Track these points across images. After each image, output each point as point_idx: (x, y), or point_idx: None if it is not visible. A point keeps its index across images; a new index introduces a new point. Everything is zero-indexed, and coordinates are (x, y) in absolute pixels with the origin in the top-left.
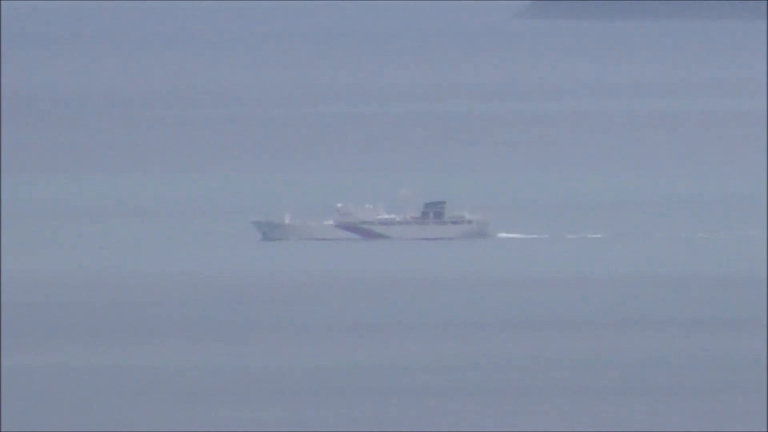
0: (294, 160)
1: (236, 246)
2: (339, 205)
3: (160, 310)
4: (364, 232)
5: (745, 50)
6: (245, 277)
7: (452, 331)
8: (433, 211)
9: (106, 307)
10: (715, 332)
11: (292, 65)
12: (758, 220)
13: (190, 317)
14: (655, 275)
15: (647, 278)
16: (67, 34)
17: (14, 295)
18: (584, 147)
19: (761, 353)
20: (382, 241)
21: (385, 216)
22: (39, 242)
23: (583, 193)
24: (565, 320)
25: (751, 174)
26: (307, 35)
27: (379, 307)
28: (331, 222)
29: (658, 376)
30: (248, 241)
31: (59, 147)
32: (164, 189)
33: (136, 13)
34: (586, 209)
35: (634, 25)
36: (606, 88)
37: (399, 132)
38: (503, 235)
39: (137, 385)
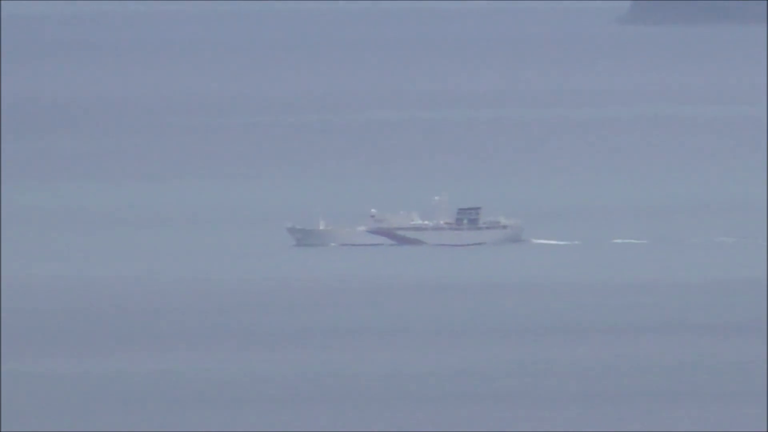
0: (328, 167)
1: (271, 252)
2: (373, 211)
3: (196, 316)
4: (398, 237)
5: None
6: (279, 282)
7: (487, 336)
8: (468, 217)
9: (140, 313)
10: (760, 337)
11: (334, 72)
12: None
13: (225, 323)
14: (689, 280)
15: (681, 283)
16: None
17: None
18: (625, 153)
19: None
20: (416, 246)
21: (419, 222)
22: (67, 250)
23: (619, 199)
24: (598, 325)
25: None
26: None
27: (414, 312)
28: (365, 228)
29: (697, 379)
30: (282, 247)
31: (86, 154)
32: (200, 196)
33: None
34: (620, 215)
35: (741, 29)
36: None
37: (434, 138)
38: (537, 240)
39: (177, 391)
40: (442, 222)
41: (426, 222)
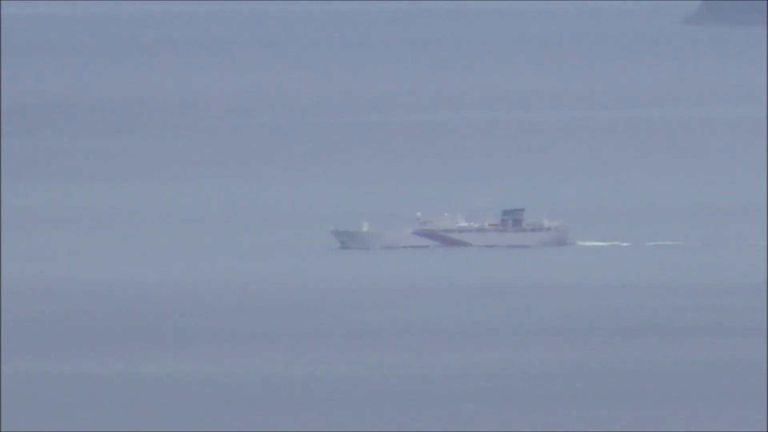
0: (373, 169)
1: (315, 254)
2: (418, 213)
3: (241, 318)
4: (443, 239)
5: None
6: (324, 285)
7: (534, 337)
8: (512, 219)
9: (182, 315)
10: None
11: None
12: None
13: (270, 325)
14: (735, 282)
15: (727, 286)
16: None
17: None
18: (674, 153)
19: None
20: (461, 248)
21: (464, 224)
22: (111, 250)
23: (666, 200)
24: (643, 326)
25: None
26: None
27: (459, 313)
28: (409, 230)
29: (740, 380)
30: (327, 249)
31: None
32: (244, 198)
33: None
34: (666, 216)
35: None
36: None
37: (478, 140)
38: (582, 242)
39: (219, 393)
40: (486, 224)
41: (471, 224)
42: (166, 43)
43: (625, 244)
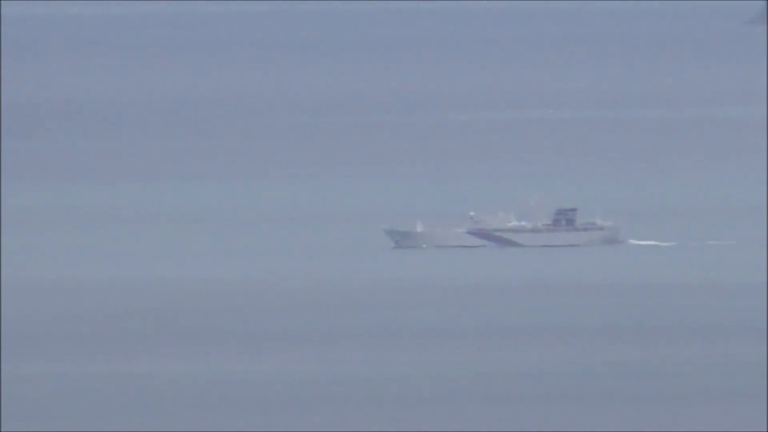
0: (426, 169)
1: (368, 254)
2: (471, 213)
3: (294, 316)
4: (496, 239)
5: None
6: (378, 284)
7: (586, 336)
8: (565, 218)
9: (237, 312)
10: None
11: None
12: None
13: (324, 323)
14: None
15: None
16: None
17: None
18: (729, 153)
19: None
20: (514, 248)
21: (517, 223)
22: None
23: (719, 200)
24: (695, 326)
25: None
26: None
27: (512, 313)
28: (463, 230)
29: None
30: (380, 248)
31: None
32: (298, 197)
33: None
34: (719, 216)
35: None
36: None
37: (530, 138)
38: (635, 242)
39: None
40: (539, 223)
41: (523, 223)
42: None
43: (678, 243)
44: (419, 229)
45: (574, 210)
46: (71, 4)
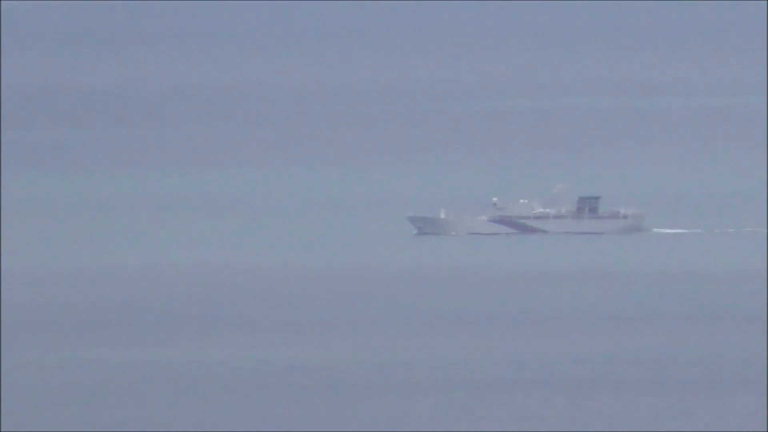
0: (450, 156)
1: (392, 240)
2: (495, 200)
3: (317, 304)
4: (519, 226)
5: None
6: (401, 270)
7: (610, 324)
8: (588, 206)
9: (260, 299)
10: None
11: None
12: None
13: (345, 311)
14: None
15: None
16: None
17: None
18: (746, 142)
19: None
20: (537, 235)
21: (540, 210)
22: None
23: (743, 188)
24: (720, 314)
25: None
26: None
27: (535, 300)
28: (486, 217)
29: None
30: (404, 235)
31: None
32: (322, 184)
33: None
34: (744, 203)
35: None
36: None
37: (556, 127)
38: (659, 230)
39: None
40: (563, 210)
41: (547, 210)
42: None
43: (701, 231)
44: (442, 216)
45: (597, 198)
46: None
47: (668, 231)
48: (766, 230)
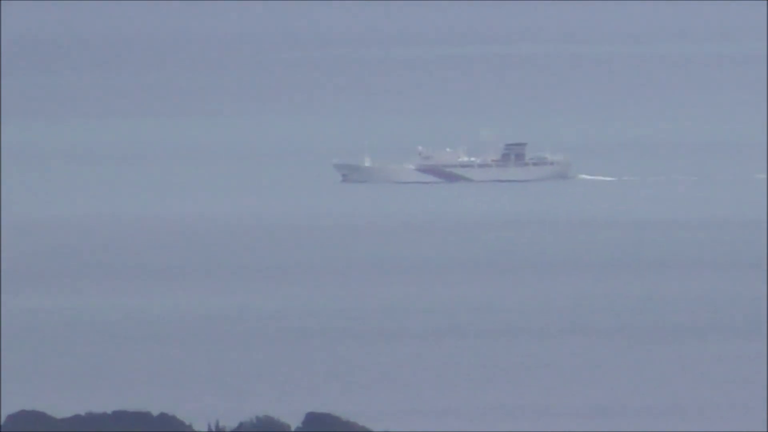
0: (375, 103)
1: (317, 188)
2: (420, 148)
3: (243, 253)
4: (445, 175)
5: None
6: (325, 218)
7: (533, 271)
8: (514, 153)
9: (181, 250)
10: None
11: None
12: None
13: (271, 259)
14: (735, 217)
15: (729, 221)
16: None
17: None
18: (674, 91)
19: None
20: (463, 183)
21: (466, 159)
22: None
23: (670, 136)
24: (644, 261)
25: None
26: None
27: (460, 248)
28: (412, 165)
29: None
30: (329, 183)
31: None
32: (247, 132)
33: None
34: (670, 152)
35: None
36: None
37: (483, 74)
38: (584, 176)
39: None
40: (489, 159)
41: (473, 159)
42: None
43: (627, 178)
44: (368, 163)
45: (523, 145)
46: None
47: (594, 178)
48: (691, 179)
